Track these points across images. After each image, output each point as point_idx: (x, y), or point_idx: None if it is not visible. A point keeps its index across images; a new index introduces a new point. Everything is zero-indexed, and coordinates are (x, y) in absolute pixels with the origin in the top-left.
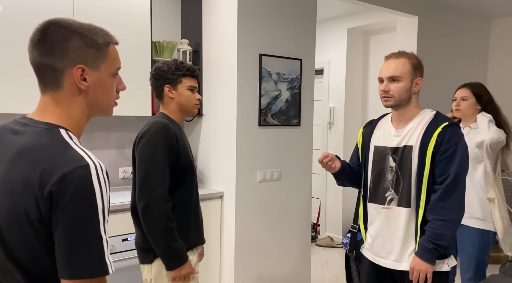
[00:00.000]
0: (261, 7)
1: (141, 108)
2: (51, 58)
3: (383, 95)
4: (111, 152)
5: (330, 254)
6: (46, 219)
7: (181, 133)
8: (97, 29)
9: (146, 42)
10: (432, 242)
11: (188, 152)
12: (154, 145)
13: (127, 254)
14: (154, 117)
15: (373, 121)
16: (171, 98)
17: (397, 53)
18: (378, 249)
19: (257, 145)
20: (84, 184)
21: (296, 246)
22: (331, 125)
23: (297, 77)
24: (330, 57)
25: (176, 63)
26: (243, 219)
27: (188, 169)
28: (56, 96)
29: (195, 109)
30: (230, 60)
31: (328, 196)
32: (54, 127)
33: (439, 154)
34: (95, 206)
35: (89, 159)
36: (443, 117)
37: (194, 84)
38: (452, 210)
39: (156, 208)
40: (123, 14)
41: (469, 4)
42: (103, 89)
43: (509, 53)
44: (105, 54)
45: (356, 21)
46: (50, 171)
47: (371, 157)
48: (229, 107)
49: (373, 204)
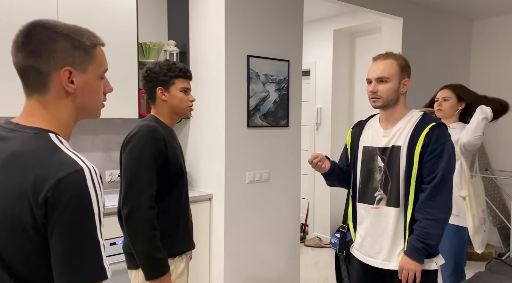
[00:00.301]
0: (248, 8)
1: (128, 111)
2: (36, 60)
3: (372, 96)
4: (98, 155)
5: (319, 254)
6: (41, 226)
7: (172, 137)
8: (83, 31)
9: (132, 44)
10: (420, 241)
11: (178, 156)
12: (141, 150)
13: (115, 258)
14: (143, 120)
15: (362, 122)
16: (164, 101)
17: (385, 54)
18: (368, 249)
19: (245, 146)
20: (79, 189)
21: (285, 247)
22: (318, 126)
23: (285, 78)
24: (317, 58)
25: (168, 64)
26: (232, 221)
27: (177, 174)
28: (43, 99)
29: (189, 111)
30: (218, 61)
31: (316, 196)
32: (43, 131)
33: (426, 154)
34: (91, 210)
35: (83, 163)
36: (431, 118)
37: (187, 86)
38: (440, 209)
39: (139, 215)
40: (109, 15)
41: (451, 5)
42: (90, 91)
43: (489, 54)
44: (92, 56)
45: (342, 23)
46: (43, 177)
47: (360, 157)
48: (218, 109)
49: (362, 203)
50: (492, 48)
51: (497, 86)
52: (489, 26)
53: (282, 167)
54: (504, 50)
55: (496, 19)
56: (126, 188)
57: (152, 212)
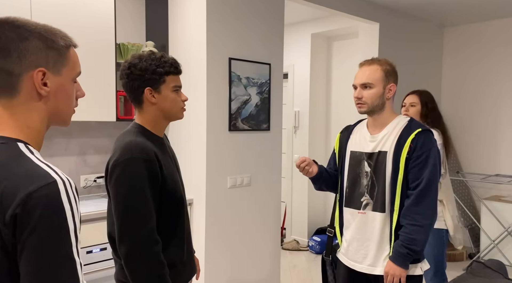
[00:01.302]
0: (230, 11)
1: (105, 113)
2: (6, 60)
3: (357, 102)
4: (72, 159)
5: (297, 258)
6: (10, 246)
7: (163, 150)
8: (55, 30)
9: (109, 44)
10: (405, 247)
11: (174, 174)
12: (132, 176)
13: (91, 267)
14: (127, 133)
15: (350, 126)
16: (153, 104)
17: (370, 60)
18: (353, 254)
19: (227, 150)
20: (52, 203)
21: (266, 251)
22: (296, 129)
23: (266, 81)
24: (295, 62)
25: (155, 57)
26: (213, 226)
27: (177, 197)
28: (10, 104)
29: (181, 113)
30: (199, 63)
31: (294, 199)
32: (11, 141)
33: (412, 160)
34: (65, 227)
35: (56, 175)
36: (417, 124)
37: (179, 83)
38: (425, 215)
39: (141, 254)
40: (85, 14)
41: (424, 12)
42: (64, 95)
43: (459, 60)
44: (66, 57)
45: (319, 27)
46: (12, 192)
47: (347, 162)
48: (199, 112)
49: (348, 208)
50: (462, 54)
51: (467, 91)
52: (460, 33)
53: (263, 171)
54: (473, 56)
55: (466, 26)
56: (120, 223)
57: (156, 247)
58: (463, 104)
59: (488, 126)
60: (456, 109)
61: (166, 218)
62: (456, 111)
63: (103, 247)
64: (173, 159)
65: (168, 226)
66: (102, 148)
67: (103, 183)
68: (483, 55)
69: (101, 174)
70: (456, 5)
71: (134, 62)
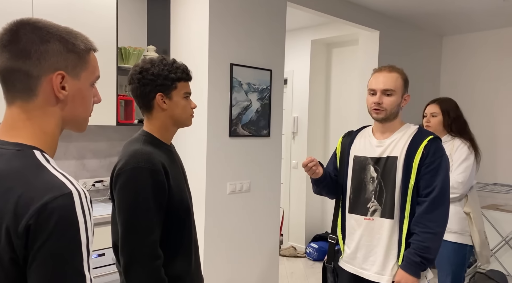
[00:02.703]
0: (232, 17)
1: (105, 117)
2: (25, 62)
3: (375, 107)
4: (71, 163)
5: (294, 264)
6: (21, 258)
7: (171, 158)
8: (76, 33)
9: (111, 48)
10: (418, 255)
11: (182, 184)
12: (136, 186)
13: (103, 269)
14: (134, 141)
15: (353, 132)
16: (163, 110)
17: (390, 67)
18: (361, 261)
19: (227, 156)
20: (66, 215)
21: (264, 258)
22: (295, 135)
23: (267, 87)
24: (294, 68)
25: (167, 63)
26: (212, 233)
27: (183, 207)
28: (27, 107)
29: (190, 120)
30: (201, 69)
31: (292, 205)
32: (27, 148)
33: (424, 166)
34: (78, 240)
35: (72, 186)
36: (427, 131)
37: (190, 90)
38: (439, 223)
39: (141, 269)
40: (87, 18)
41: (424, 21)
42: (81, 100)
43: (457, 69)
44: (86, 61)
45: (319, 33)
46: (26, 202)
47: (351, 167)
48: (200, 117)
49: (353, 214)
50: (461, 63)
51: (465, 100)
52: (458, 42)
53: (263, 177)
54: (471, 65)
55: (464, 36)
56: (122, 234)
57: (156, 262)
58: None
59: (486, 135)
60: None
61: (173, 229)
62: None
63: (101, 253)
64: (181, 168)
65: (175, 237)
66: (101, 152)
67: (102, 187)
68: (481, 65)
69: (99, 178)
70: (455, 15)
71: (146, 66)
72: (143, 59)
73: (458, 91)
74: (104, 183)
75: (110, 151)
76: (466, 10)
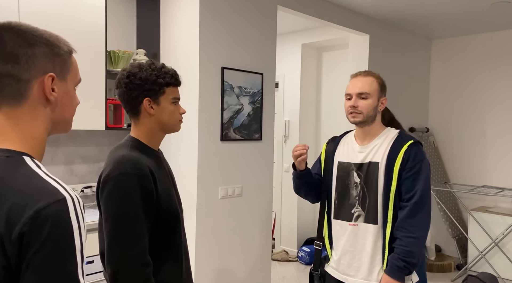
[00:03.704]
0: (223, 20)
1: (94, 122)
2: (13, 66)
3: (352, 111)
4: (59, 169)
5: (286, 268)
6: (14, 266)
7: (159, 164)
8: (57, 36)
9: (100, 51)
10: (402, 260)
11: (170, 190)
12: (123, 193)
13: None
14: (120, 147)
15: (336, 137)
16: (150, 115)
17: (365, 72)
18: (346, 267)
19: (219, 160)
20: (61, 221)
21: (256, 262)
22: (286, 139)
23: (259, 91)
24: (285, 71)
25: (156, 68)
26: (203, 238)
27: (172, 213)
28: (16, 112)
29: (179, 126)
30: (191, 72)
31: (283, 209)
32: (16, 155)
33: (405, 171)
34: (72, 246)
35: (65, 192)
36: (407, 136)
37: (178, 95)
38: (421, 227)
39: (131, 278)
40: (76, 20)
41: (413, 25)
42: (69, 101)
43: (447, 72)
44: (69, 63)
45: (310, 37)
46: (19, 209)
47: (335, 173)
48: (191, 121)
49: (338, 220)
50: (450, 67)
51: (455, 103)
52: (447, 46)
53: (255, 181)
54: (461, 68)
55: (453, 39)
56: (108, 242)
57: (146, 271)
58: (450, 116)
59: (475, 138)
60: (443, 121)
61: (162, 236)
62: (444, 122)
63: (90, 260)
64: (169, 174)
65: (164, 244)
66: (90, 157)
67: (91, 193)
68: (470, 68)
69: (88, 183)
70: (444, 18)
71: (134, 71)
72: (131, 63)
73: (447, 94)
74: (93, 189)
75: (99, 156)
76: (455, 14)
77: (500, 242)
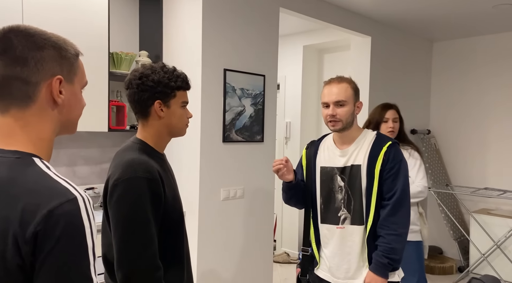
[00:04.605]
0: (225, 22)
1: (96, 124)
2: (22, 69)
3: (330, 119)
4: (61, 170)
5: (288, 271)
6: (28, 265)
7: (164, 167)
8: (64, 39)
9: (103, 53)
10: (385, 257)
11: (175, 194)
12: (134, 197)
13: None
14: (128, 149)
15: (315, 141)
16: (160, 118)
17: (338, 78)
18: (335, 270)
19: (221, 162)
20: (73, 220)
21: (258, 264)
22: (288, 140)
23: (260, 93)
24: (287, 73)
25: (168, 71)
26: (206, 240)
27: (177, 217)
28: (24, 114)
29: (185, 130)
30: (194, 74)
31: (285, 211)
32: (26, 156)
33: (386, 171)
34: (85, 244)
35: (76, 191)
36: (385, 137)
37: (187, 99)
38: (402, 224)
39: (141, 281)
40: (79, 21)
41: (414, 26)
42: (76, 103)
43: (448, 74)
44: (76, 66)
45: (311, 39)
46: (33, 209)
47: (318, 178)
48: (193, 123)
49: (325, 224)
50: (451, 69)
51: (456, 105)
52: (448, 48)
53: (256, 183)
54: (462, 70)
55: (454, 42)
56: (119, 248)
57: (157, 274)
58: (452, 118)
59: (477, 140)
60: (445, 123)
61: (166, 240)
62: (445, 124)
63: None
64: (172, 177)
65: (168, 248)
66: (92, 159)
67: (93, 194)
68: (471, 70)
69: (90, 185)
70: (445, 20)
71: (146, 72)
72: (143, 65)
73: (449, 96)
74: (95, 190)
75: (101, 158)
76: (456, 16)
77: (502, 244)
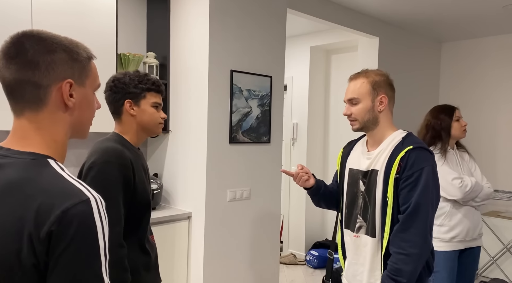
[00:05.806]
0: (232, 23)
1: (105, 124)
2: (34, 73)
3: (348, 119)
4: (69, 170)
5: (294, 272)
6: (42, 264)
7: (138, 159)
8: (77, 43)
9: (111, 54)
10: (391, 278)
11: (145, 184)
12: (106, 179)
13: None
14: (105, 140)
15: (353, 141)
16: (132, 116)
17: (356, 74)
18: (351, 279)
19: (227, 163)
20: (86, 221)
21: (264, 265)
22: (294, 142)
23: (267, 94)
24: (293, 74)
25: (139, 75)
26: (212, 241)
27: (145, 206)
28: (37, 117)
29: (159, 129)
30: (201, 75)
31: (291, 212)
32: (41, 157)
33: (402, 180)
34: (97, 245)
35: (89, 193)
36: (411, 140)
37: (159, 101)
38: (413, 243)
39: None
40: (87, 23)
41: (423, 27)
42: (87, 106)
43: (456, 75)
44: (88, 69)
45: (319, 40)
46: (47, 209)
47: (346, 180)
48: (199, 124)
49: (347, 230)
50: (459, 70)
51: (464, 106)
52: (457, 48)
53: (263, 184)
54: (470, 71)
55: (463, 42)
56: None
57: (121, 251)
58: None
59: (486, 141)
60: None
61: (131, 223)
62: None
63: None
64: (145, 171)
65: (133, 231)
66: None
67: None
68: (480, 71)
69: None
70: (454, 21)
71: (119, 76)
72: (121, 72)
73: (457, 98)
74: None
75: None
76: (465, 16)
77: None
